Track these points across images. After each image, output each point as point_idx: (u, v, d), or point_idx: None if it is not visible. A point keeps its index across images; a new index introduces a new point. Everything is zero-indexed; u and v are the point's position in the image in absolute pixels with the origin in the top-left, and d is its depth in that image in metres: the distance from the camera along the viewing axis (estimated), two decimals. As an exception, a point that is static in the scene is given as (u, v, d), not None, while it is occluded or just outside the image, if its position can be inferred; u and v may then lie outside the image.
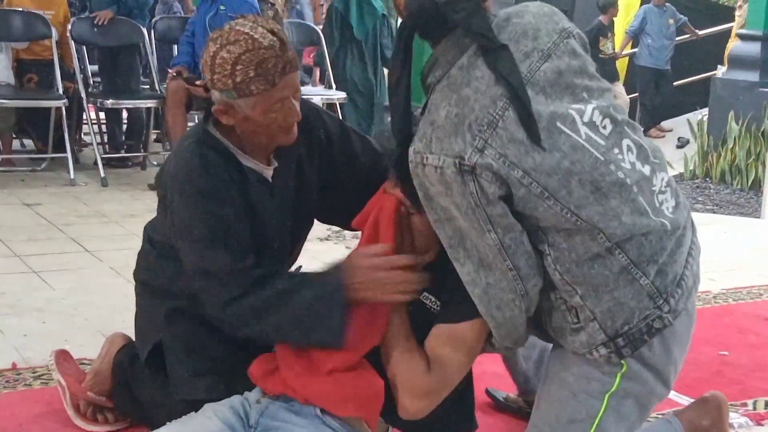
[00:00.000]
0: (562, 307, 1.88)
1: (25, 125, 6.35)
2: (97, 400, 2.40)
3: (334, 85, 6.81)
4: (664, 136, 8.94)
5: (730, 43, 8.83)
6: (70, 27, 6.12)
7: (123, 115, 6.71)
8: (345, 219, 2.16)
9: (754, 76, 7.55)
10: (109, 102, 6.14)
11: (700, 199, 6.61)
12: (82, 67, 6.40)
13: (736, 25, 8.87)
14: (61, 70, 6.05)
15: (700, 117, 8.05)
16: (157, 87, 6.36)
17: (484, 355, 2.04)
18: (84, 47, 6.52)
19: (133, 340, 2.36)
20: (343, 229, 2.44)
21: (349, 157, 2.23)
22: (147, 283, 2.29)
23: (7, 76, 6.04)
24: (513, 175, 1.75)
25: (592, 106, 1.84)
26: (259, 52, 1.91)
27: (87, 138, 6.67)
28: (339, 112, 6.44)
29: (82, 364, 2.62)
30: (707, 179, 7.20)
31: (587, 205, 1.79)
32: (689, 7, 10.21)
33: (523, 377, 2.48)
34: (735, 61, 7.89)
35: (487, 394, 2.65)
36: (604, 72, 2.24)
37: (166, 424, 2.01)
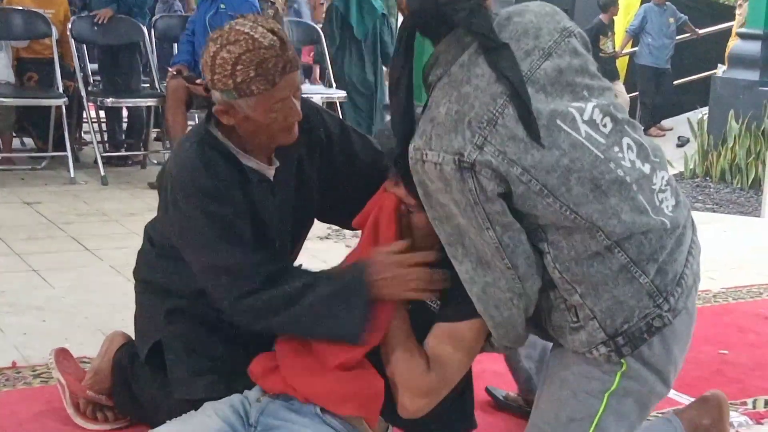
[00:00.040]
0: (562, 306, 1.88)
1: (25, 124, 6.35)
2: (97, 399, 2.40)
3: (334, 84, 6.80)
4: (664, 135, 8.93)
5: (730, 42, 8.83)
6: (70, 25, 6.12)
7: (123, 113, 6.70)
8: (345, 218, 2.16)
9: (754, 75, 7.55)
10: (109, 100, 6.14)
11: (700, 197, 6.61)
12: (82, 65, 6.40)
13: (737, 24, 8.86)
14: (61, 69, 6.04)
15: (701, 116, 8.04)
16: (157, 85, 6.36)
17: (484, 354, 2.04)
18: (84, 46, 6.53)
19: (133, 338, 2.37)
20: (344, 228, 2.44)
21: (350, 156, 2.23)
22: (147, 282, 2.29)
23: (7, 75, 6.03)
24: (512, 173, 1.75)
25: (592, 104, 1.84)
26: (260, 51, 1.91)
27: (87, 136, 6.68)
28: (339, 110, 6.43)
29: (81, 363, 2.62)
30: (707, 178, 7.20)
31: (586, 202, 1.79)
32: (689, 5, 10.20)
33: (525, 376, 2.47)
34: (735, 60, 7.89)
35: (487, 392, 2.65)
36: (604, 71, 2.23)
37: (165, 422, 2.01)
